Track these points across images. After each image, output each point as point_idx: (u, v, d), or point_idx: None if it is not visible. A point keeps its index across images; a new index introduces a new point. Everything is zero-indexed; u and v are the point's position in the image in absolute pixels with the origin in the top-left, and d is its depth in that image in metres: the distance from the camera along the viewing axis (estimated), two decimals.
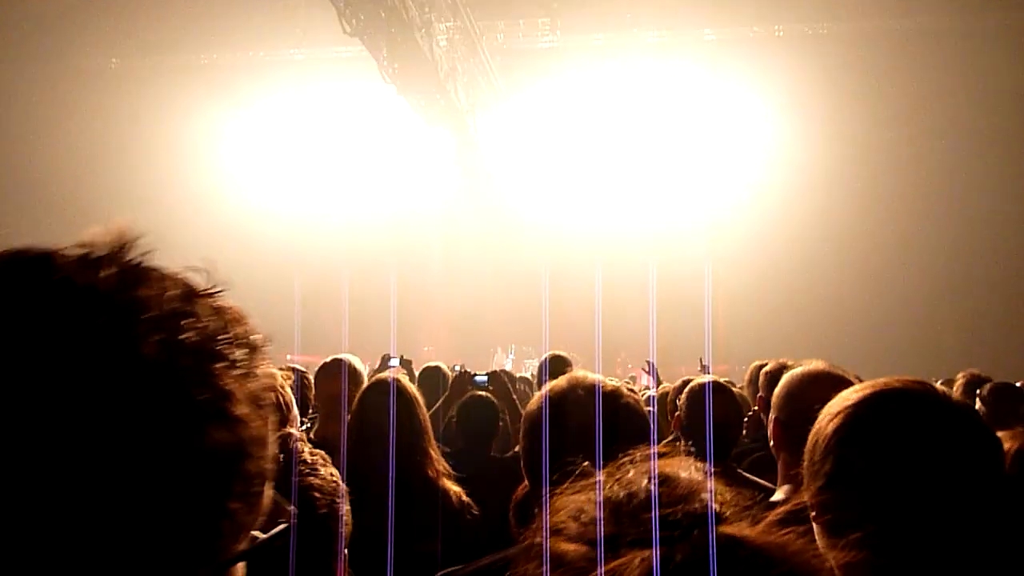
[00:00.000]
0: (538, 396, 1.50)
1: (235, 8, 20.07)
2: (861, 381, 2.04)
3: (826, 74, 20.22)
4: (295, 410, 1.91)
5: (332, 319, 22.61)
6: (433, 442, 2.41)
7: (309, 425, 3.39)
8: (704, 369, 7.75)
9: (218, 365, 0.56)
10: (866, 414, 1.11)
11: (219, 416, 0.53)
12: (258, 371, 0.61)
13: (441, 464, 2.38)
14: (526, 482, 1.88)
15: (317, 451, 1.27)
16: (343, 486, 1.25)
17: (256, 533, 0.60)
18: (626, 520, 0.54)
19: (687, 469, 0.62)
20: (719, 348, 21.50)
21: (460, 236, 25.19)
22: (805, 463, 1.17)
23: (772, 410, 1.98)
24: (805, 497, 1.16)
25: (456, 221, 25.08)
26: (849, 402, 1.14)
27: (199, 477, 0.52)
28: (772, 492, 2.08)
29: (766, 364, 4.39)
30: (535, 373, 7.82)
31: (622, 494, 0.58)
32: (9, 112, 22.35)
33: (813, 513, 1.13)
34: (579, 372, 1.54)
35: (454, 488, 2.34)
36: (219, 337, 0.59)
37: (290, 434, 1.25)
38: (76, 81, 22.39)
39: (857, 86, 20.40)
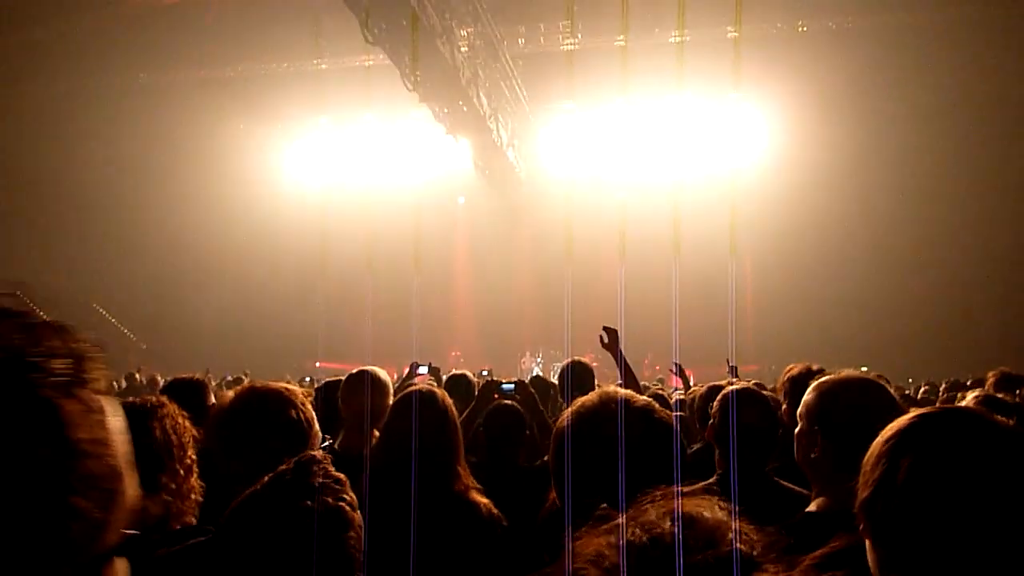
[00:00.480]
0: (567, 413, 1.48)
1: (258, 21, 20.28)
2: (893, 388, 2.00)
3: (852, 69, 19.96)
4: (316, 426, 1.90)
5: (358, 326, 22.79)
6: (463, 457, 2.38)
7: (331, 440, 3.39)
8: (732, 371, 7.63)
9: (32, 376, 0.59)
10: (926, 436, 1.09)
11: (41, 425, 0.56)
12: (88, 377, 0.65)
13: (470, 479, 2.36)
14: (554, 496, 1.86)
15: (338, 474, 1.26)
16: (358, 516, 1.23)
17: (130, 531, 0.64)
18: (651, 567, 0.52)
19: (711, 509, 0.59)
20: (748, 347, 21.31)
21: (485, 240, 25.25)
22: (860, 481, 1.15)
23: (802, 419, 1.93)
24: (850, 510, 1.15)
25: (481, 225, 25.14)
26: (908, 423, 1.13)
27: (28, 481, 0.55)
28: (806, 500, 2.03)
29: (807, 371, 4.31)
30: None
31: (645, 538, 0.55)
32: (42, 127, 22.82)
33: (862, 528, 1.12)
34: (610, 387, 1.52)
35: (483, 500, 2.32)
36: (30, 351, 0.61)
37: (312, 456, 1.23)
38: (105, 97, 22.78)
39: (884, 81, 20.11)
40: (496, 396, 3.94)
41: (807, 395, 1.94)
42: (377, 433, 3.04)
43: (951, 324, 20.23)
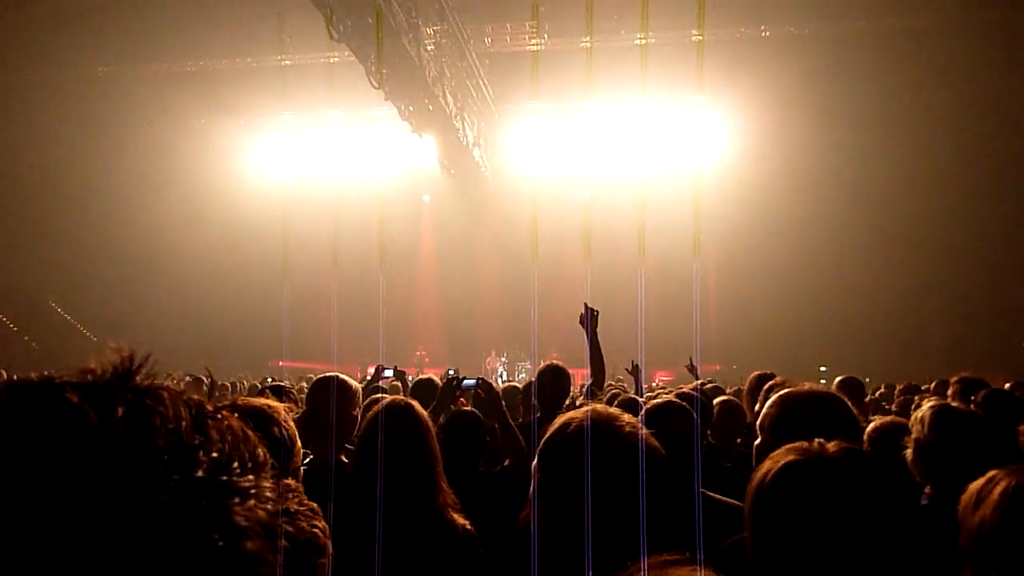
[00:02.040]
0: (556, 427, 1.46)
1: (221, 16, 19.96)
2: (855, 405, 2.03)
3: (813, 74, 20.28)
4: (299, 443, 1.87)
5: (321, 324, 22.61)
6: (442, 471, 2.36)
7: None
8: (692, 371, 7.70)
9: (232, 501, 0.53)
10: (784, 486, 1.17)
11: (233, 555, 0.51)
12: (265, 492, 0.57)
13: (450, 496, 2.33)
14: (527, 509, 1.86)
15: (310, 503, 1.24)
16: (323, 540, 1.21)
17: None
18: None
19: None
20: (712, 347, 21.55)
21: (450, 239, 25.19)
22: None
23: (762, 431, 1.95)
24: None
25: (446, 224, 25.07)
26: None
27: None
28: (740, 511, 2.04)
29: (768, 376, 4.34)
30: (525, 380, 7.76)
31: None
32: None
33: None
34: (599, 406, 1.51)
35: (460, 520, 2.30)
36: (231, 467, 0.55)
37: (285, 484, 1.20)
38: (62, 90, 22.24)
39: (845, 85, 20.47)
40: (458, 394, 3.92)
41: (767, 406, 1.95)
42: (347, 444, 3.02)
43: (910, 325, 20.71)
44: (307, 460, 1.90)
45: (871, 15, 19.67)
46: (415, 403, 2.45)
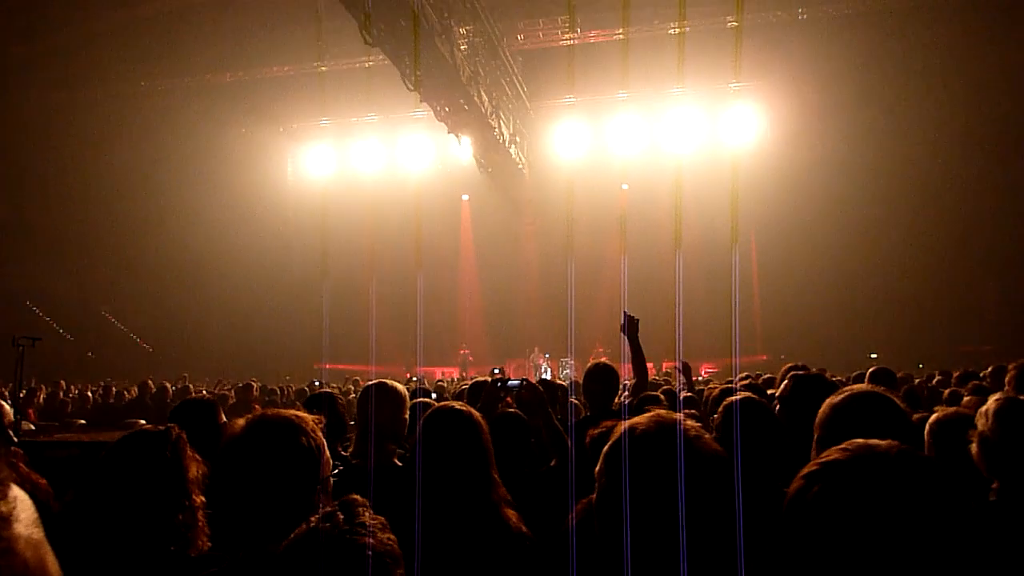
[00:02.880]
0: (618, 433, 1.47)
1: (256, 25, 20.27)
2: (906, 405, 2.00)
3: (853, 56, 19.84)
4: (327, 453, 1.89)
5: (364, 326, 22.85)
6: (495, 468, 2.41)
7: (343, 450, 3.39)
8: (686, 370, 7.40)
9: None
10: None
11: None
12: None
13: (503, 490, 2.39)
14: (585, 502, 1.86)
15: (378, 516, 1.28)
16: (398, 551, 1.26)
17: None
18: None
19: None
20: (755, 338, 21.25)
21: (490, 236, 25.26)
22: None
23: (816, 428, 1.93)
24: None
25: (485, 222, 25.14)
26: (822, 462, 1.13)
27: None
28: None
29: (798, 367, 4.27)
30: (571, 376, 7.76)
31: None
32: (45, 137, 22.88)
33: None
34: (662, 411, 1.51)
35: (513, 515, 2.35)
36: None
37: (355, 499, 1.26)
38: (106, 105, 22.82)
39: (886, 67, 19.97)
40: (502, 394, 3.94)
41: (822, 408, 1.96)
42: (395, 447, 3.06)
43: (964, 308, 20.13)
44: (336, 471, 1.94)
45: None
46: (467, 407, 2.50)
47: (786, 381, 2.62)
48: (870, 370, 5.36)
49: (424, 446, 2.35)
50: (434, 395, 5.83)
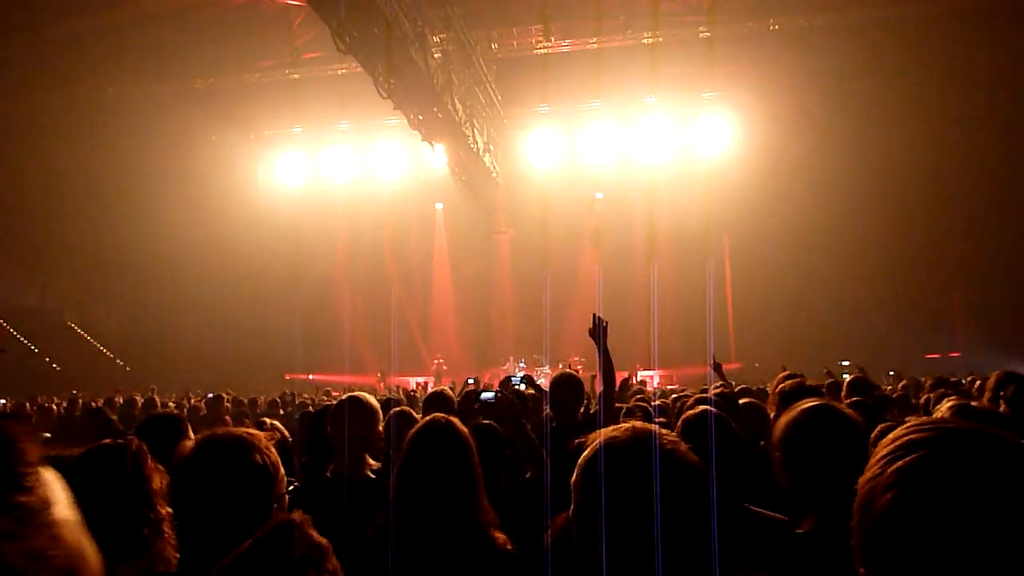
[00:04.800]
0: (594, 446, 1.47)
1: (228, 31, 20.13)
2: (862, 419, 2.03)
3: (824, 66, 20.13)
4: (281, 470, 1.89)
5: (338, 336, 22.70)
6: (483, 489, 2.40)
7: (307, 460, 3.38)
8: (716, 369, 7.62)
9: None
10: (929, 458, 0.99)
11: None
12: (22, 472, 0.64)
13: (491, 512, 2.37)
14: (563, 518, 1.86)
15: (320, 540, 1.24)
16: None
17: None
18: None
19: None
20: (729, 345, 21.42)
21: (464, 245, 25.25)
22: (855, 505, 1.08)
23: (775, 446, 1.97)
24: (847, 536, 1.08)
25: (459, 230, 25.13)
26: (906, 467, 0.99)
27: None
28: (783, 525, 2.05)
29: (790, 375, 4.31)
30: (545, 386, 7.76)
31: None
32: (9, 143, 22.46)
33: (856, 556, 1.06)
34: (636, 423, 1.52)
35: (500, 536, 2.34)
36: None
37: (290, 521, 1.21)
38: (74, 111, 22.47)
39: (858, 77, 20.29)
40: (476, 406, 3.92)
41: (779, 422, 2.01)
42: (371, 459, 3.05)
43: (934, 316, 20.47)
44: (291, 487, 1.92)
45: (881, 3, 19.50)
46: (456, 420, 2.48)
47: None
48: (847, 379, 5.44)
49: (411, 463, 2.33)
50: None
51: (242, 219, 24.46)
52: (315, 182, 25.25)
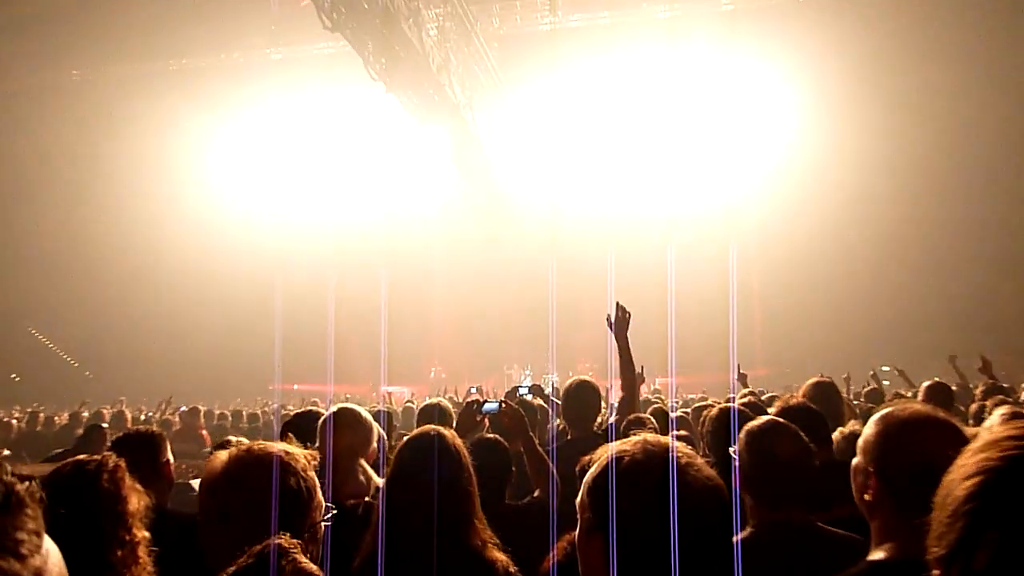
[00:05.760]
0: (604, 459, 1.47)
1: (203, 9, 20.15)
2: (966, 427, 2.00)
3: (851, 41, 20.05)
4: (319, 495, 1.87)
5: (325, 342, 22.67)
6: (479, 507, 2.39)
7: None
8: (741, 379, 7.61)
9: None
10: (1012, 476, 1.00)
11: None
12: (13, 540, 0.66)
13: (487, 532, 2.36)
14: (567, 539, 1.85)
15: (308, 565, 1.24)
16: None
17: None
18: None
19: None
20: (756, 350, 21.35)
21: (464, 241, 25.19)
22: (934, 532, 1.07)
23: (865, 456, 1.92)
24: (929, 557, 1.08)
25: (458, 225, 25.09)
26: (992, 461, 1.02)
27: None
28: (860, 547, 2.02)
29: (827, 383, 4.28)
30: (553, 394, 7.77)
31: None
32: None
33: None
34: (649, 435, 1.51)
35: (500, 558, 2.32)
36: None
37: (277, 545, 1.20)
38: (33, 97, 22.53)
39: (889, 53, 20.21)
40: (479, 418, 3.91)
41: (867, 428, 1.94)
42: (370, 476, 3.04)
43: (984, 316, 20.33)
44: (329, 515, 1.92)
45: None
46: (448, 433, 2.46)
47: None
48: (925, 384, 5.41)
49: (398, 481, 2.32)
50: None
51: (219, 213, 24.50)
52: (300, 171, 25.26)
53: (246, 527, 1.68)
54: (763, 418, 2.59)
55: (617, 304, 4.34)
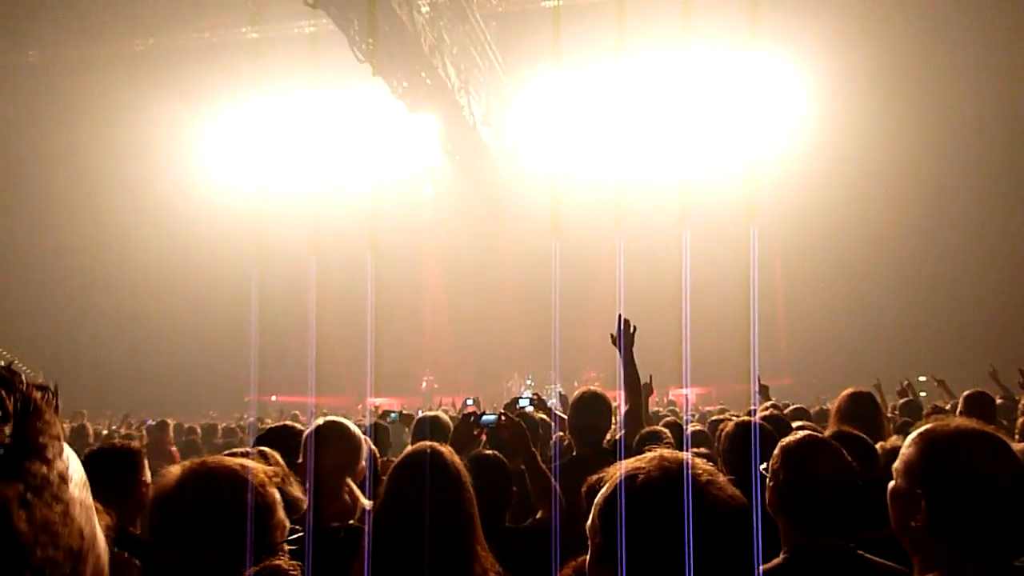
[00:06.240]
0: (613, 481, 1.47)
1: None
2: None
3: (871, 21, 20.05)
4: (280, 513, 1.88)
5: (307, 349, 22.64)
6: (480, 532, 2.39)
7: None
8: (762, 391, 7.61)
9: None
10: None
11: None
12: (39, 441, 0.75)
13: (489, 560, 2.36)
14: (573, 567, 1.86)
15: None
16: None
17: None
18: None
19: None
20: (779, 358, 21.34)
21: (459, 239, 25.19)
22: None
23: (899, 476, 1.90)
24: None
25: (453, 221, 25.08)
26: None
27: None
28: None
29: (866, 395, 4.27)
30: (556, 407, 7.78)
31: None
32: None
33: None
34: (665, 451, 1.51)
35: None
36: None
37: (277, 568, 1.22)
38: None
39: (922, 36, 20.20)
40: (476, 432, 3.91)
41: (907, 447, 1.91)
42: (357, 496, 3.04)
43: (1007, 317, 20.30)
44: (294, 535, 1.91)
45: None
46: (446, 450, 2.47)
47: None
48: (964, 394, 5.42)
49: (391, 503, 2.33)
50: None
51: (189, 207, 24.47)
52: (277, 162, 25.25)
53: (197, 547, 1.69)
54: (801, 432, 2.55)
55: (619, 316, 4.35)
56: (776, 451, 2.45)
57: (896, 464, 1.92)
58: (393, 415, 7.30)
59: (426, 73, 16.60)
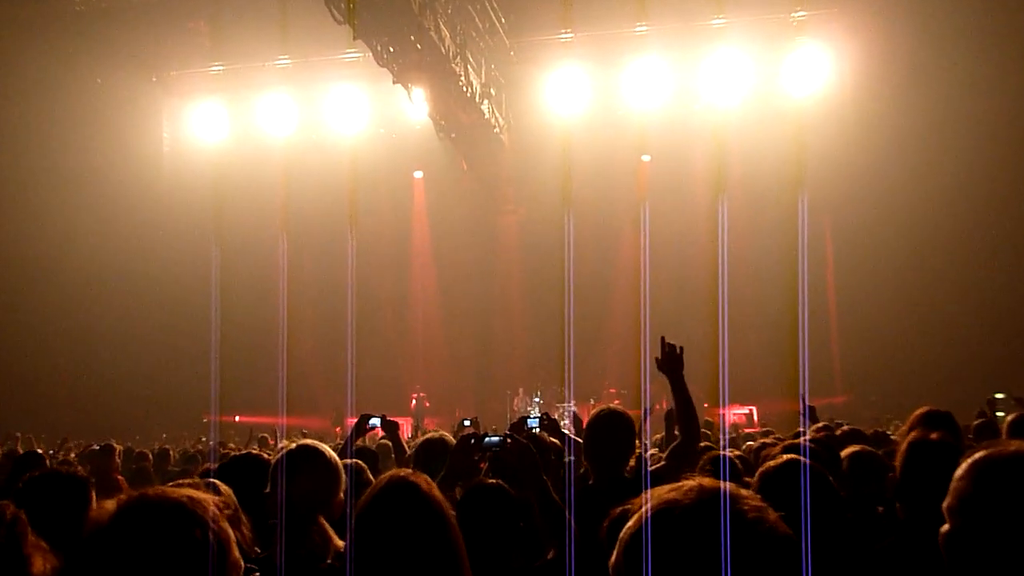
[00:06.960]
0: (643, 514, 1.45)
1: None
2: None
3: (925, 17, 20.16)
4: (234, 552, 1.87)
5: (275, 362, 22.66)
6: (468, 571, 2.39)
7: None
8: (808, 412, 7.55)
9: None
10: None
11: None
12: None
13: None
14: None
15: None
16: None
17: None
18: None
19: None
20: (832, 373, 21.36)
21: (454, 230, 25.23)
22: None
23: (951, 514, 1.90)
24: None
25: (447, 210, 25.12)
26: None
27: None
28: None
29: (943, 415, 4.27)
30: (569, 428, 7.76)
31: None
32: None
33: None
34: (704, 480, 1.49)
35: None
36: None
37: None
38: None
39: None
40: (477, 456, 3.92)
41: (958, 478, 1.91)
42: (329, 535, 3.04)
43: None
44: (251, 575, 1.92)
45: None
46: (423, 480, 2.47)
47: None
48: (1009, 418, 5.43)
49: (364, 540, 2.32)
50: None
51: (140, 196, 24.51)
52: (242, 143, 25.31)
53: None
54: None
55: (662, 340, 4.43)
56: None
57: (947, 501, 1.94)
58: (466, 422, 7.39)
59: (416, 36, 16.63)
